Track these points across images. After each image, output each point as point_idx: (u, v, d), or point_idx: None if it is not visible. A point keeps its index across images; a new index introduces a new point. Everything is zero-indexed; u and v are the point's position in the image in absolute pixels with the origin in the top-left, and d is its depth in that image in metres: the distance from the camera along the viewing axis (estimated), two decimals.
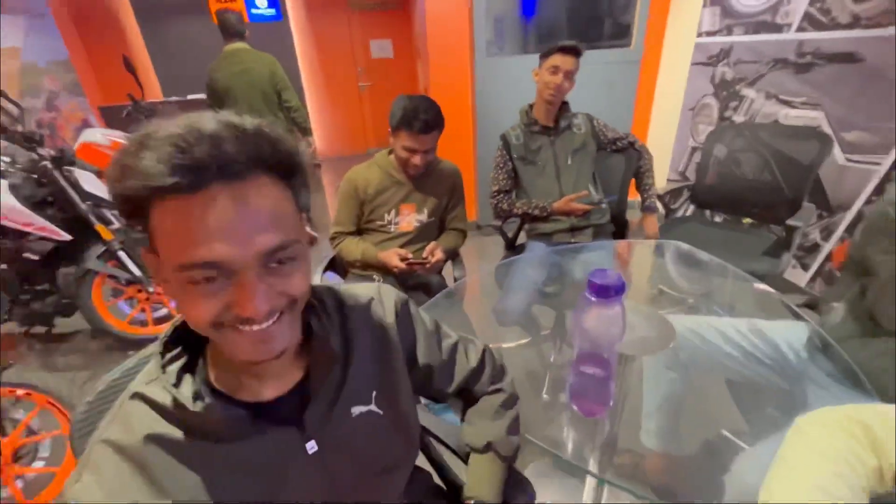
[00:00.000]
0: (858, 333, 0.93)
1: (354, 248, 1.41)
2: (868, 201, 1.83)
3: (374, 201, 1.39)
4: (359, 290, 0.61)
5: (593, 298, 0.60)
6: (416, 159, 1.30)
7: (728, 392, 1.18)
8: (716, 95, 2.49)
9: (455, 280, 1.51)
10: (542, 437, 0.78)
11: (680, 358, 1.07)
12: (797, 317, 1.10)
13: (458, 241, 1.52)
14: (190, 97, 3.98)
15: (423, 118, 1.24)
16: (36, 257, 1.83)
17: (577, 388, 0.73)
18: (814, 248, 2.08)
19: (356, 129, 5.76)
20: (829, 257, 2.03)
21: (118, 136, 2.59)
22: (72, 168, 1.91)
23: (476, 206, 3.07)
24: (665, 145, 2.94)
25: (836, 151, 1.90)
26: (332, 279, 1.58)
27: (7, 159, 1.84)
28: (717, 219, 2.46)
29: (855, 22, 1.76)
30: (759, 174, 1.87)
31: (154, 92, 5.14)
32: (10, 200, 1.72)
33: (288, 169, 0.42)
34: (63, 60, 4.45)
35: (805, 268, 2.14)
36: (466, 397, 0.72)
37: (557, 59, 1.46)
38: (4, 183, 1.74)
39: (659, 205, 1.65)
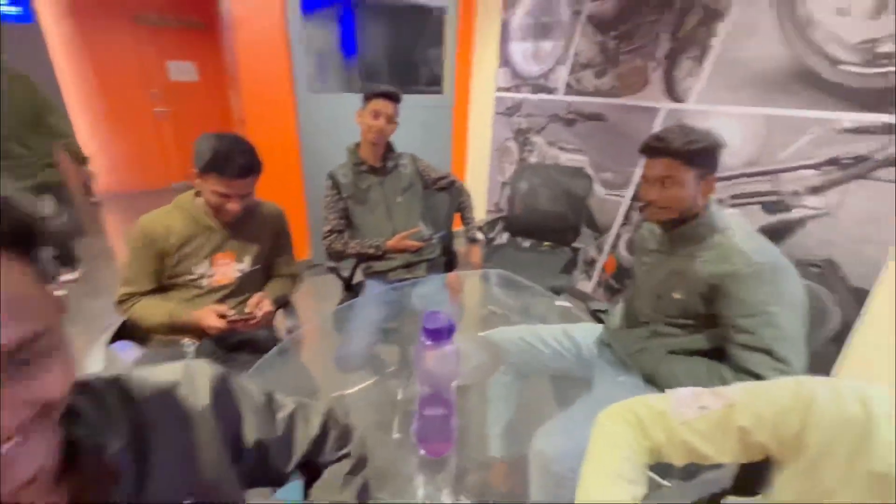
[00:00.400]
0: (625, 325, 1.20)
1: (156, 310, 1.15)
2: (623, 224, 2.41)
3: (180, 252, 1.16)
4: (158, 374, 0.49)
5: (428, 342, 0.61)
6: (232, 205, 1.13)
7: (550, 385, 1.39)
8: (515, 140, 2.97)
9: (289, 332, 1.37)
10: (394, 476, 0.76)
11: (512, 363, 1.20)
12: (597, 320, 1.36)
13: (288, 287, 1.38)
14: None
15: (240, 162, 1.08)
16: None
17: (421, 432, 0.73)
18: (592, 262, 2.63)
19: (153, 160, 4.88)
20: (602, 268, 2.59)
21: None
22: None
23: (309, 245, 2.92)
24: (482, 181, 3.35)
25: (598, 187, 2.46)
26: (126, 351, 1.25)
27: None
28: (526, 244, 2.88)
29: (597, 92, 2.35)
30: (553, 205, 2.28)
31: None
32: None
33: (24, 239, 0.32)
34: None
35: (590, 277, 2.68)
36: (310, 470, 0.64)
37: (378, 104, 1.52)
38: None
39: (480, 235, 1.85)
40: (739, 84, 1.78)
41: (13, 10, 3.88)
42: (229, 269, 1.23)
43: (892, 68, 1.40)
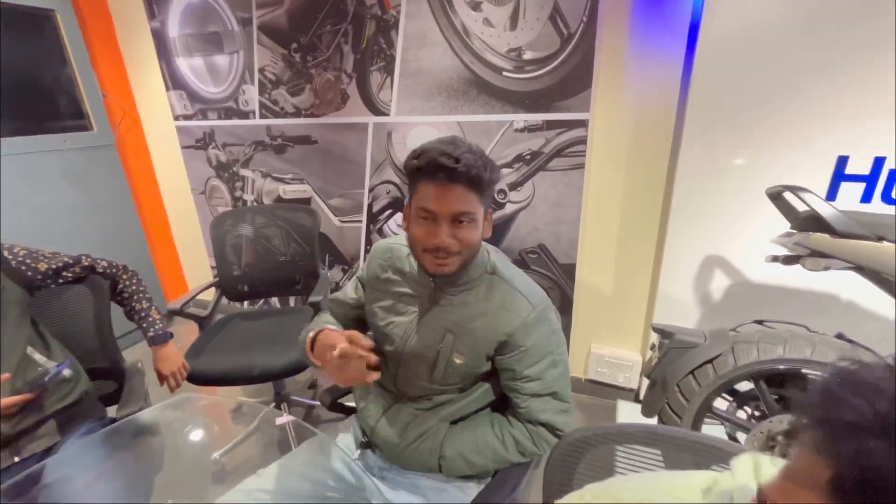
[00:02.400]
0: (384, 410, 0.90)
1: None
2: (366, 251, 2.20)
3: None
4: None
5: None
6: None
7: None
8: (220, 177, 2.38)
9: None
10: None
11: None
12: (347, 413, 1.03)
13: None
14: None
15: None
16: None
17: None
18: None
19: None
20: None
21: None
22: None
23: None
24: (192, 232, 2.60)
25: (331, 216, 2.18)
26: None
27: None
28: (258, 308, 2.37)
29: (298, 112, 2.04)
30: (289, 247, 1.86)
31: None
32: None
33: None
34: None
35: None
36: None
37: None
38: None
39: (170, 330, 1.26)
40: (428, 93, 1.76)
41: None
42: None
43: (536, 74, 1.58)
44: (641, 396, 1.33)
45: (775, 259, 1.11)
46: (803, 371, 1.01)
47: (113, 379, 1.20)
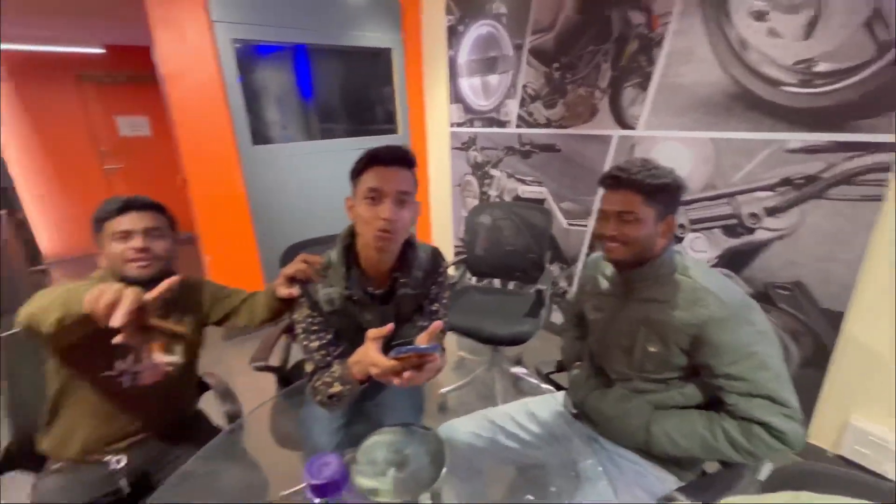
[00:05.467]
0: (597, 386, 1.06)
1: (50, 296, 0.79)
2: (588, 253, 2.34)
3: (88, 344, 0.85)
4: None
5: (317, 500, 0.48)
6: (136, 242, 0.98)
7: (522, 480, 1.21)
8: (474, 174, 2.91)
9: (230, 418, 1.20)
10: None
11: (472, 465, 1.04)
12: (557, 388, 1.22)
13: (265, 298, 1.14)
14: None
15: (125, 198, 1.00)
16: None
17: None
18: (565, 294, 2.53)
19: None
20: None
21: None
22: None
23: None
24: (445, 216, 3.27)
25: (560, 218, 2.39)
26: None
27: None
28: (491, 285, 2.77)
29: (548, 123, 2.31)
30: (516, 240, 2.19)
31: None
32: None
33: None
34: None
35: (564, 312, 2.58)
36: None
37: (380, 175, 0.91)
38: None
39: None
40: (683, 109, 1.75)
41: None
42: (159, 362, 1.06)
43: (830, 88, 1.38)
44: None
45: None
46: None
47: None
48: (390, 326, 0.80)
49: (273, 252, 1.64)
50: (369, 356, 0.79)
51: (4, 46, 3.77)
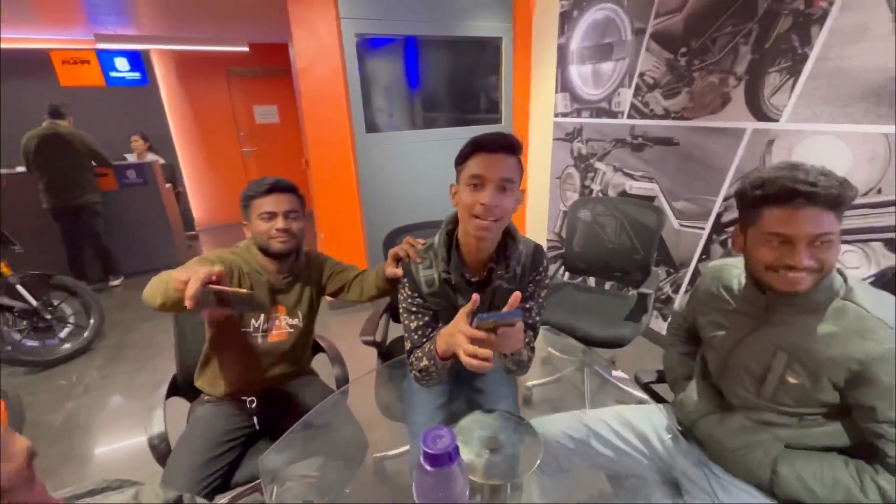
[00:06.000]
0: (712, 410, 0.96)
1: (156, 282, 0.95)
2: (700, 259, 2.12)
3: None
4: None
5: (430, 468, 0.53)
6: (279, 223, 1.13)
7: (611, 489, 1.16)
8: (576, 167, 2.79)
9: (338, 383, 1.35)
10: None
11: (561, 464, 1.03)
12: (657, 399, 1.15)
13: (375, 277, 1.28)
14: (19, 169, 3.37)
15: (271, 182, 1.14)
16: None
17: None
18: (668, 301, 2.34)
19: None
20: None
21: None
22: None
23: None
24: (542, 209, 3.20)
25: (672, 218, 2.20)
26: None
27: None
28: (586, 284, 2.66)
29: (667, 114, 2.12)
30: (619, 238, 2.06)
31: None
32: None
33: None
34: None
35: (664, 318, 2.38)
36: None
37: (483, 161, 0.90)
38: None
39: None
40: (846, 97, 1.48)
41: (134, 74, 4.59)
42: (283, 323, 1.23)
43: None
44: None
45: None
46: None
47: None
48: (476, 296, 0.79)
49: (377, 234, 1.77)
50: (456, 325, 0.81)
51: (175, 48, 4.52)
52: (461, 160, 0.94)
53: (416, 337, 1.04)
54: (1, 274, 2.30)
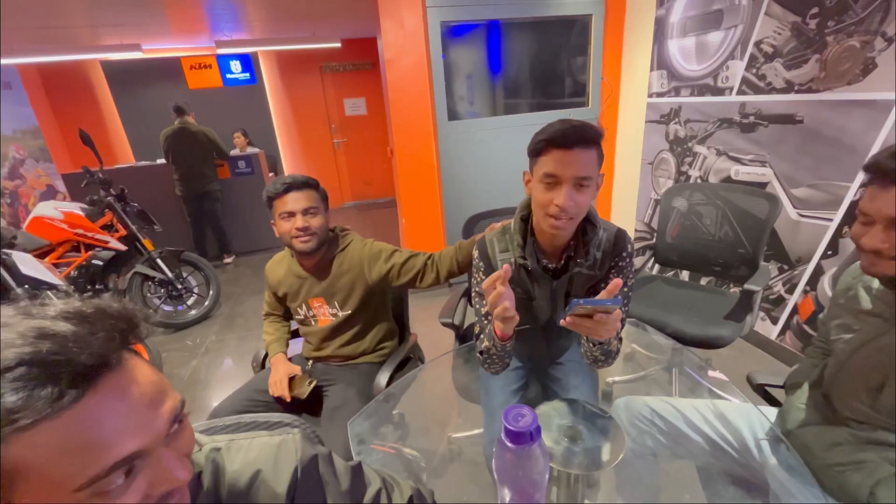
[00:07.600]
0: (815, 420, 0.87)
1: (265, 336, 1.46)
2: (824, 255, 1.84)
3: (286, 298, 1.39)
4: (249, 454, 0.52)
5: (511, 445, 0.53)
6: (298, 222, 1.19)
7: (698, 480, 1.11)
8: (671, 151, 2.56)
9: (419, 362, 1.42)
10: None
11: (647, 444, 0.99)
12: (766, 398, 1.04)
13: (455, 252, 1.28)
14: (159, 161, 3.97)
15: (287, 181, 1.21)
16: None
17: None
18: (779, 301, 2.07)
19: (331, 184, 5.81)
20: (795, 310, 2.01)
21: (73, 208, 2.54)
22: (10, 252, 1.82)
23: None
24: (629, 197, 2.99)
25: (789, 207, 1.93)
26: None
27: None
28: (680, 279, 2.45)
29: (789, 87, 1.85)
30: (720, 229, 1.86)
31: (126, 156, 5.13)
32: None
33: (136, 337, 0.39)
34: (31, 128, 4.44)
35: (774, 321, 2.11)
36: None
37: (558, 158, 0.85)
38: None
39: None
40: None
41: (244, 75, 5.12)
42: (324, 311, 1.34)
43: None
44: None
45: None
46: None
47: None
48: (507, 267, 0.75)
49: (457, 221, 1.79)
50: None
51: (279, 48, 4.95)
52: (534, 154, 0.89)
53: (485, 322, 1.03)
54: (145, 249, 2.74)
